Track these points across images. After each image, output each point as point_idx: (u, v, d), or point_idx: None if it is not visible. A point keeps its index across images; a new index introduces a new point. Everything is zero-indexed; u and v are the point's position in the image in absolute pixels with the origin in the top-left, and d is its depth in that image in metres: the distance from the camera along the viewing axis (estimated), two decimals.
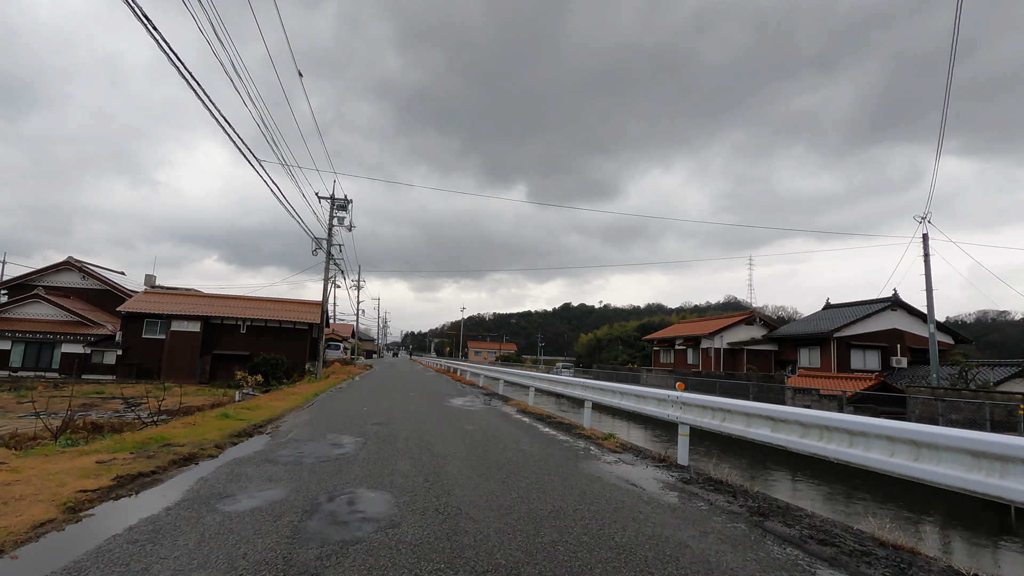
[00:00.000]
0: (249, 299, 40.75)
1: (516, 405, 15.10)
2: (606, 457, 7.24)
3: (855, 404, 24.59)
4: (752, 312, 38.79)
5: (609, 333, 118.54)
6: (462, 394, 18.09)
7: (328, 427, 9.11)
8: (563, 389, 11.92)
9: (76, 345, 36.96)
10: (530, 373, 15.38)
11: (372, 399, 14.67)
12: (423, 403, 14.06)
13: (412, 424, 9.75)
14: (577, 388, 11.00)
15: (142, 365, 36.88)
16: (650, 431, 21.06)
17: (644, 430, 21.53)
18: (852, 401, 24.79)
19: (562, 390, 12.00)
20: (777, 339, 37.57)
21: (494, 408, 13.91)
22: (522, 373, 16.82)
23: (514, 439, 8.54)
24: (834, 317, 35.34)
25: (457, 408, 13.19)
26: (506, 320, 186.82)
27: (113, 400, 28.90)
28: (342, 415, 10.85)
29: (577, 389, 10.99)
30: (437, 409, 12.66)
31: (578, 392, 10.90)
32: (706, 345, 39.38)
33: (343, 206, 33.30)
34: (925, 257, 21.92)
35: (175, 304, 38.09)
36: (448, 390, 19.67)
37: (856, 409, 24.27)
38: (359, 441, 7.74)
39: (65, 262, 41.87)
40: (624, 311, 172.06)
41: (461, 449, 7.35)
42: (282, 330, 39.02)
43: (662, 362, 45.16)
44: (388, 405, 13.13)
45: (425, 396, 16.36)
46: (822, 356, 33.81)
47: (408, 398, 15.38)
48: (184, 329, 37.27)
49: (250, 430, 8.73)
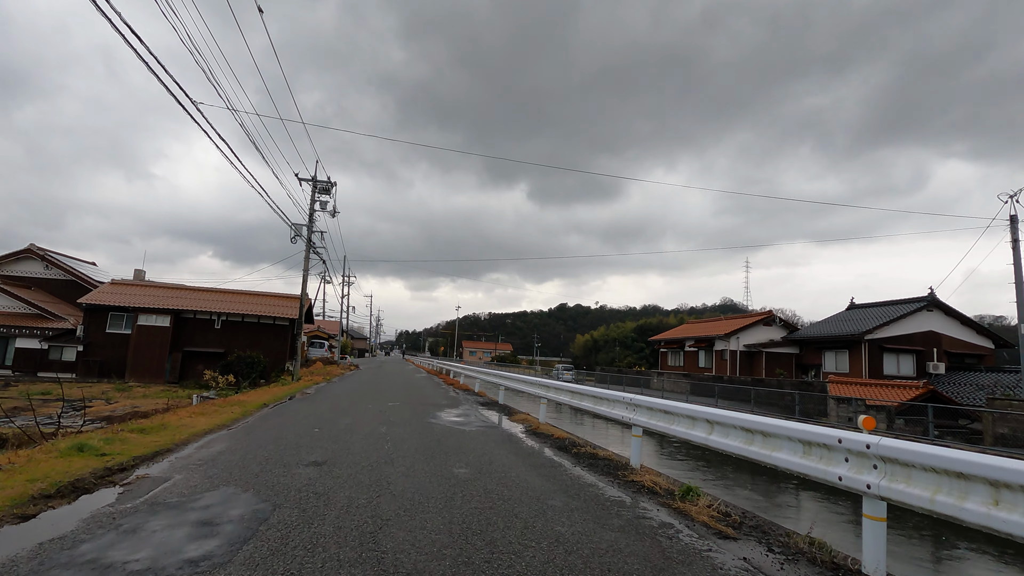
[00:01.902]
0: (225, 292, 37.05)
1: (523, 420, 11.57)
2: (718, 555, 3.75)
3: (904, 416, 21.22)
4: (770, 312, 35.49)
5: (606, 334, 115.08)
6: (454, 403, 14.55)
7: (233, 471, 5.59)
8: (594, 406, 8.40)
9: (32, 340, 33.17)
10: (540, 380, 11.86)
11: (335, 412, 11.11)
12: (401, 420, 10.51)
13: (372, 464, 6.21)
14: (620, 407, 7.48)
15: (105, 363, 33.11)
16: (707, 465, 14.82)
17: (692, 460, 15.47)
18: (899, 413, 21.41)
19: (592, 406, 8.49)
20: (798, 341, 34.20)
21: (496, 427, 10.38)
22: (528, 379, 13.28)
23: (536, 501, 5.01)
24: (862, 318, 32.00)
25: (446, 428, 9.66)
26: (501, 320, 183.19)
27: (56, 403, 25.21)
28: (275, 443, 7.31)
29: (620, 408, 7.47)
30: (418, 431, 9.11)
31: (621, 412, 7.38)
32: (721, 347, 35.97)
33: (326, 189, 29.72)
34: (1014, 243, 18.56)
35: (143, 296, 34.35)
36: (438, 397, 16.12)
37: (906, 423, 20.89)
38: (259, 513, 4.20)
39: (26, 250, 38.06)
40: (620, 312, 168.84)
41: (444, 535, 3.85)
42: (260, 326, 35.36)
43: (670, 364, 41.72)
44: (351, 423, 9.57)
45: (407, 408, 12.81)
46: (851, 360, 30.45)
47: (383, 411, 11.82)
48: (152, 324, 33.55)
49: (98, 477, 5.18)
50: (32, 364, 33.01)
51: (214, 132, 12.01)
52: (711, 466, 14.86)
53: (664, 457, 17.69)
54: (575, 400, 9.29)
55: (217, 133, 12.73)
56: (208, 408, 10.53)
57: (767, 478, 13.28)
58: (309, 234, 28.46)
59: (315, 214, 28.95)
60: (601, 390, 8.33)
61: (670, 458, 15.87)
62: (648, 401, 6.70)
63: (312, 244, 28.88)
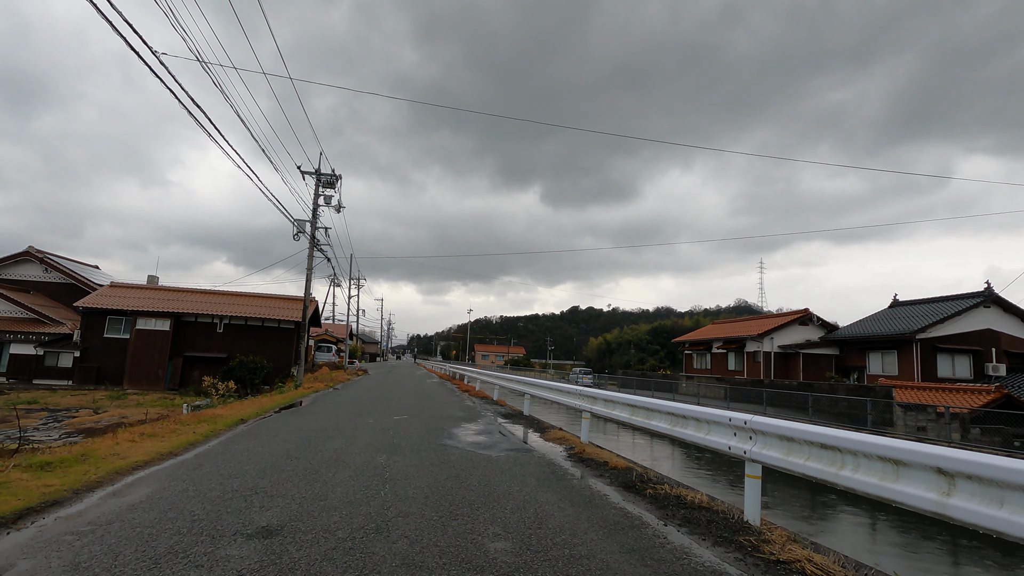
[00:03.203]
0: (227, 294, 35.09)
1: (560, 439, 9.16)
2: None
3: (978, 424, 18.50)
4: (806, 310, 32.74)
5: (620, 336, 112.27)
6: (472, 415, 12.19)
7: (122, 552, 3.31)
8: (672, 427, 5.94)
9: (27, 346, 31.37)
10: (578, 389, 9.47)
11: (325, 431, 8.78)
12: (407, 442, 8.16)
13: (353, 535, 3.86)
14: (721, 433, 5.06)
15: (103, 369, 31.27)
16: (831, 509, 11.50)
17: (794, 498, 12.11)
18: (973, 420, 18.69)
19: (669, 428, 6.01)
20: (838, 341, 31.41)
21: (529, 451, 8.00)
22: (561, 387, 10.85)
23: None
24: (910, 316, 29.18)
25: (466, 454, 7.30)
26: (513, 323, 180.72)
27: (42, 412, 23.24)
28: (221, 488, 4.99)
29: (721, 435, 5.05)
30: (429, 460, 6.76)
31: (727, 441, 4.96)
32: (753, 348, 33.24)
33: (331, 183, 27.59)
34: None
35: (142, 299, 32.47)
36: (452, 408, 13.77)
37: (982, 432, 18.18)
38: None
39: (24, 252, 36.40)
40: (633, 315, 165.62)
41: None
42: (265, 329, 33.33)
43: (696, 367, 39.01)
44: (341, 449, 7.24)
45: (416, 422, 10.47)
46: (900, 362, 27.63)
47: (387, 428, 9.49)
48: (151, 328, 31.64)
49: None
50: (27, 371, 31.20)
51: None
52: (836, 510, 12.39)
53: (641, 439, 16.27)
54: (639, 418, 6.87)
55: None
56: (167, 427, 8.27)
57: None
58: (313, 230, 26.36)
59: (319, 209, 26.86)
60: (686, 406, 5.90)
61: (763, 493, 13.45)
62: (785, 428, 4.29)
63: (316, 241, 26.77)
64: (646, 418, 6.75)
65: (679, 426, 5.93)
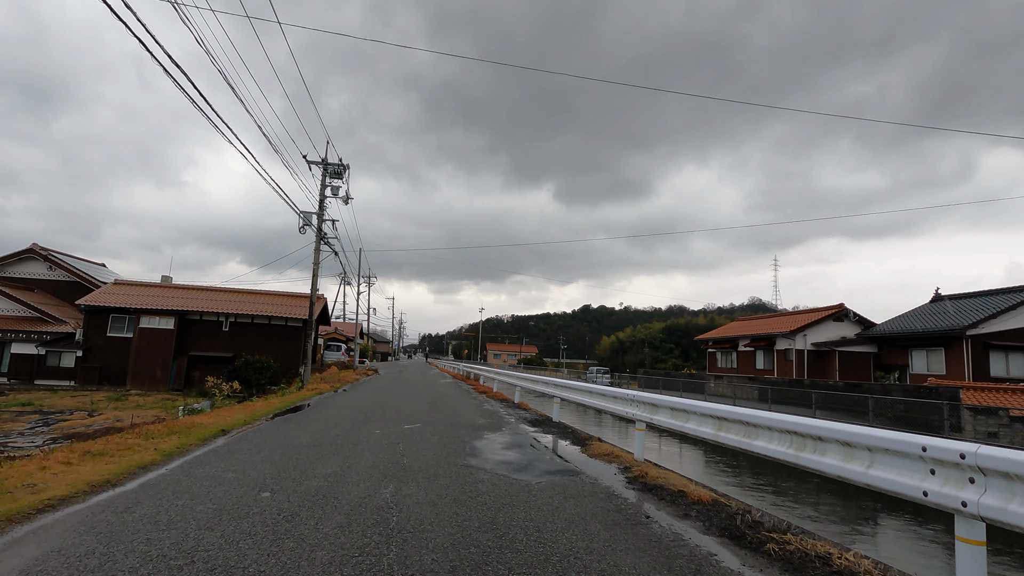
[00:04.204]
0: (233, 291, 33.69)
1: (607, 455, 7.38)
2: None
3: None
4: (841, 305, 30.58)
5: (633, 335, 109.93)
6: (494, 422, 10.44)
7: None
8: (798, 454, 4.13)
9: (28, 345, 30.20)
10: (627, 393, 7.63)
11: (320, 448, 7.07)
12: (422, 463, 6.42)
13: None
14: (913, 470, 3.27)
15: (106, 369, 29.96)
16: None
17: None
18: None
19: (794, 456, 4.21)
20: (876, 338, 29.24)
21: (575, 474, 6.22)
22: (603, 391, 9.01)
23: None
24: (956, 311, 26.96)
25: (498, 482, 5.55)
26: (524, 322, 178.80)
27: (34, 415, 21.87)
28: (145, 555, 3.33)
29: (914, 475, 3.26)
30: (452, 494, 5.00)
31: (941, 489, 3.16)
32: (784, 346, 31.14)
33: (338, 172, 26.04)
34: None
35: (145, 297, 31.16)
36: (471, 413, 12.02)
37: None
38: None
39: (29, 249, 35.30)
40: (645, 313, 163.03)
41: None
42: (272, 328, 31.88)
43: (720, 366, 36.94)
44: (336, 476, 5.51)
45: (431, 433, 8.74)
46: (948, 360, 25.46)
47: (395, 442, 7.77)
48: (155, 326, 30.30)
49: None
50: (29, 371, 30.03)
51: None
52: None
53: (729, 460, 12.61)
54: (732, 435, 5.05)
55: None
56: (125, 442, 6.62)
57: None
58: (320, 222, 24.79)
59: (326, 200, 25.29)
60: (814, 423, 4.09)
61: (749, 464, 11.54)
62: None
63: (323, 234, 25.21)
64: (743, 436, 4.94)
65: (809, 451, 4.12)
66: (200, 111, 10.59)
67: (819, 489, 12.05)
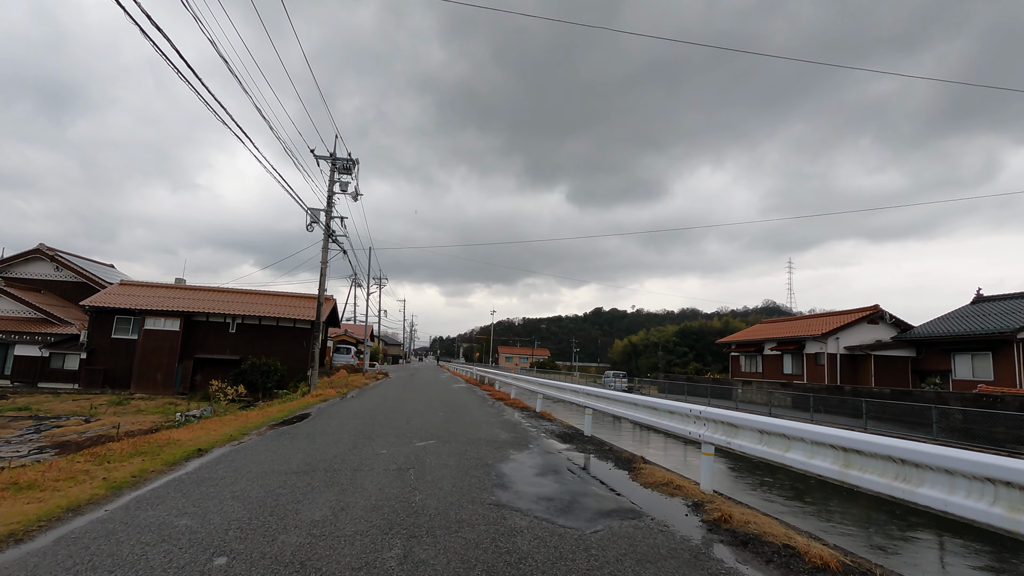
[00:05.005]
0: (240, 292, 32.63)
1: (663, 484, 5.91)
2: None
3: None
4: (876, 307, 28.77)
5: (646, 338, 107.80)
6: (519, 437, 8.99)
7: None
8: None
9: (32, 347, 29.31)
10: (705, 410, 6.11)
11: (315, 473, 5.68)
12: (437, 503, 4.97)
13: None
14: None
15: (110, 371, 28.97)
16: None
17: None
18: None
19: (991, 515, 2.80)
20: (915, 342, 27.38)
21: (634, 516, 4.75)
22: (654, 403, 7.45)
23: None
24: (1002, 313, 25.07)
25: (540, 534, 4.09)
26: (536, 325, 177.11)
27: (29, 419, 20.81)
28: None
29: None
30: (480, 555, 3.58)
31: None
32: (814, 350, 29.34)
33: (347, 168, 24.78)
34: None
35: (151, 297, 30.17)
36: (491, 425, 10.58)
37: None
38: None
39: (35, 250, 34.55)
40: (658, 316, 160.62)
41: None
42: (280, 329, 30.73)
43: (744, 371, 35.15)
44: (325, 523, 4.09)
45: (448, 455, 7.32)
46: (996, 365, 23.59)
47: (405, 464, 6.36)
48: (160, 328, 29.28)
49: None
50: (32, 374, 29.12)
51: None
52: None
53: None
54: (881, 479, 3.59)
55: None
56: (71, 468, 5.29)
57: None
58: (328, 219, 23.56)
59: (334, 196, 24.08)
60: None
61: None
62: None
63: (332, 232, 23.99)
64: (895, 479, 3.46)
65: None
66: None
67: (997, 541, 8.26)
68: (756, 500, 10.14)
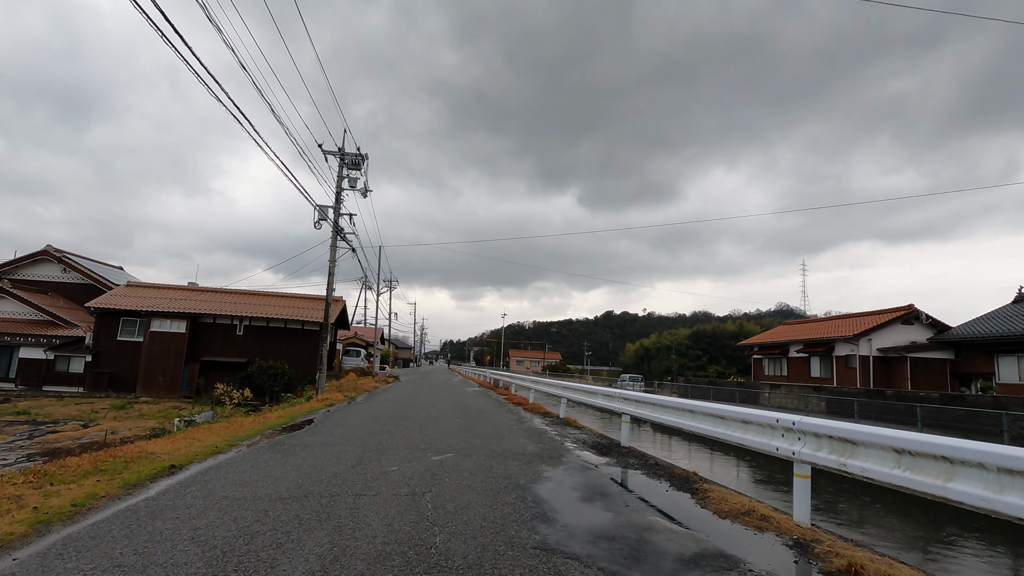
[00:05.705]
0: (248, 293, 31.71)
1: (743, 513, 4.66)
2: None
3: None
4: (911, 307, 27.14)
5: (658, 341, 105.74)
6: (550, 451, 7.73)
7: None
8: None
9: (37, 350, 28.55)
10: (805, 420, 4.77)
11: (308, 499, 4.49)
12: (464, 549, 3.76)
13: None
14: None
15: (115, 374, 28.15)
16: None
17: None
18: None
19: None
20: (954, 343, 25.73)
21: (729, 566, 3.54)
22: (728, 412, 6.10)
23: None
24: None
25: None
26: (547, 329, 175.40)
27: (25, 424, 19.90)
28: None
29: None
30: None
31: None
32: (845, 352, 27.75)
33: (356, 163, 23.76)
34: None
35: (157, 299, 29.34)
36: (515, 435, 9.32)
37: None
38: None
39: (42, 251, 33.93)
40: (669, 319, 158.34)
41: None
42: (288, 331, 29.74)
43: (767, 374, 33.56)
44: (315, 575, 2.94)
45: (471, 473, 6.09)
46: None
47: (419, 488, 5.15)
48: (166, 330, 28.42)
49: None
50: (37, 377, 28.36)
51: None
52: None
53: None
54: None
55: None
56: (18, 488, 4.14)
57: None
58: (336, 216, 22.52)
59: (343, 192, 23.06)
60: None
61: None
62: None
63: (340, 230, 22.94)
64: None
65: None
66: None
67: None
68: (864, 536, 8.38)
